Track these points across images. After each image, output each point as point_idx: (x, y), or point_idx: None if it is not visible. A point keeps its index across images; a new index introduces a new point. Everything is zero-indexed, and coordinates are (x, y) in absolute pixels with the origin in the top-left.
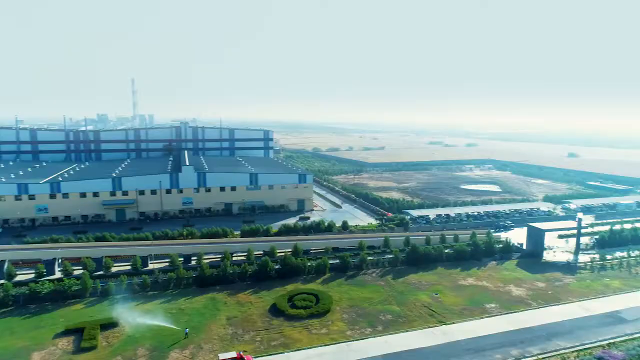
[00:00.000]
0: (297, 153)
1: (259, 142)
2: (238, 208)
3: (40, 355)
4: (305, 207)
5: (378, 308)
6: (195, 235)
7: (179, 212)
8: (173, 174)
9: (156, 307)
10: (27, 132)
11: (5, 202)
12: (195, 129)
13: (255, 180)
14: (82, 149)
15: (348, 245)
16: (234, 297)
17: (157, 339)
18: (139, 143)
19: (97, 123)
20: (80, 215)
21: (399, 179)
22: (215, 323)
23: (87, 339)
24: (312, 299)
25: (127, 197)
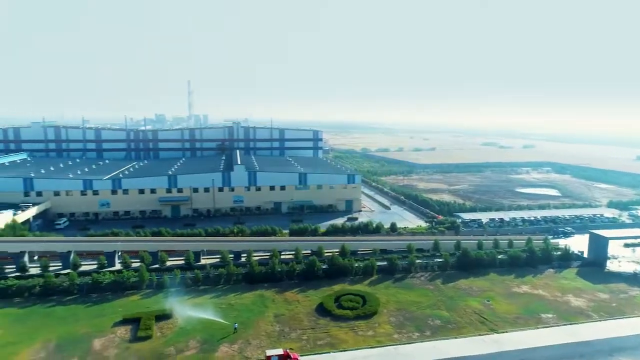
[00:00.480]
0: (346, 153)
1: (309, 142)
2: (287, 207)
3: (101, 342)
4: (354, 207)
5: (426, 312)
6: (245, 233)
7: (230, 210)
8: (225, 172)
9: (207, 302)
10: (93, 132)
11: (72, 196)
12: (247, 128)
13: (304, 180)
14: (141, 147)
15: (396, 247)
16: (282, 295)
17: (208, 332)
18: (194, 142)
19: (155, 123)
20: (138, 210)
21: (450, 181)
22: (263, 320)
23: (143, 329)
24: (359, 300)
25: (182, 194)
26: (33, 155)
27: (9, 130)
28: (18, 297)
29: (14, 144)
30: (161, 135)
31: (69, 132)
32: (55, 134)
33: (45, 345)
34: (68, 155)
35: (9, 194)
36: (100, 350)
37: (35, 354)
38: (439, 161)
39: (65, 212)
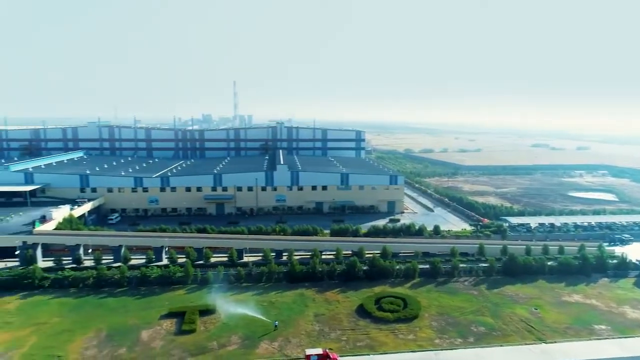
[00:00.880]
0: (388, 154)
1: (351, 142)
2: (328, 207)
3: (148, 333)
4: (396, 209)
5: (470, 318)
6: (287, 232)
7: (273, 209)
8: (268, 172)
9: (249, 298)
10: (143, 131)
11: (124, 193)
12: (290, 129)
13: (346, 181)
14: (189, 147)
15: (439, 250)
16: (322, 295)
17: (249, 328)
18: (238, 142)
19: (202, 123)
20: (185, 207)
21: (497, 184)
22: (303, 318)
23: (187, 323)
24: (399, 303)
25: (226, 192)
26: (89, 153)
27: (67, 130)
28: (73, 287)
29: (72, 143)
30: (207, 135)
31: (121, 131)
32: (109, 133)
33: (98, 334)
34: (121, 153)
35: (67, 190)
36: (147, 341)
37: (89, 342)
38: (485, 163)
39: (117, 207)
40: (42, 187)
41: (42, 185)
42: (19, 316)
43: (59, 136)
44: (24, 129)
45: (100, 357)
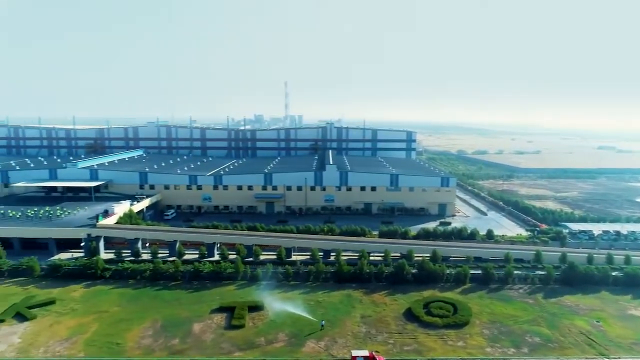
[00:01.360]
0: (440, 155)
1: (401, 143)
2: (377, 208)
3: (199, 326)
4: (447, 211)
5: (524, 328)
6: (335, 232)
7: (321, 209)
8: (317, 172)
9: (296, 297)
10: (198, 131)
11: (179, 190)
12: (340, 129)
13: (396, 182)
14: (241, 146)
15: (492, 256)
16: (369, 297)
17: (296, 326)
18: (289, 142)
19: (254, 123)
20: (236, 205)
21: (556, 188)
22: (349, 319)
23: (237, 318)
24: (449, 308)
25: (276, 191)
26: (148, 152)
27: (129, 129)
28: (132, 279)
29: (132, 142)
30: (259, 135)
31: (178, 131)
32: (166, 132)
33: (153, 324)
34: (177, 152)
35: (128, 186)
36: (198, 334)
37: (145, 331)
38: (544, 165)
39: (173, 204)
40: (105, 183)
41: (105, 182)
42: (83, 304)
43: (121, 135)
44: (90, 129)
45: (155, 346)
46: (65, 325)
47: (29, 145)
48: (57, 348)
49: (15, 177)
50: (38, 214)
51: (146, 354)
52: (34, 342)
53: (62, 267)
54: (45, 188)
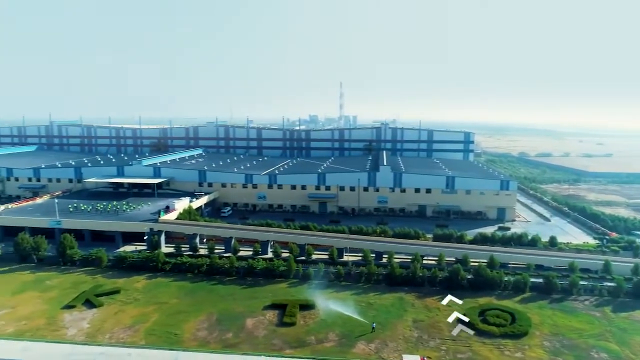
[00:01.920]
0: (500, 157)
1: (458, 144)
2: (432, 211)
3: (252, 321)
4: (506, 216)
5: (590, 342)
6: (388, 234)
7: (374, 210)
8: (371, 172)
9: (347, 297)
10: (255, 131)
11: (235, 189)
12: (395, 129)
13: (452, 184)
14: (295, 146)
15: (555, 264)
16: (422, 301)
17: (346, 327)
18: (343, 142)
19: (308, 123)
20: (290, 204)
21: (629, 194)
22: (401, 323)
23: (288, 315)
24: (507, 317)
25: (329, 191)
26: (207, 151)
27: (190, 129)
28: (190, 272)
29: (193, 141)
30: (313, 135)
31: (235, 131)
32: (225, 132)
33: (208, 318)
34: (234, 151)
35: (187, 184)
36: (251, 329)
37: (200, 324)
38: (615, 169)
39: (229, 201)
40: (167, 180)
41: (167, 179)
42: (145, 294)
43: (182, 135)
44: (154, 128)
45: (210, 339)
46: (128, 314)
47: (100, 143)
48: (121, 335)
49: (87, 173)
50: (106, 208)
51: (201, 346)
52: (101, 328)
53: (127, 259)
54: (113, 184)
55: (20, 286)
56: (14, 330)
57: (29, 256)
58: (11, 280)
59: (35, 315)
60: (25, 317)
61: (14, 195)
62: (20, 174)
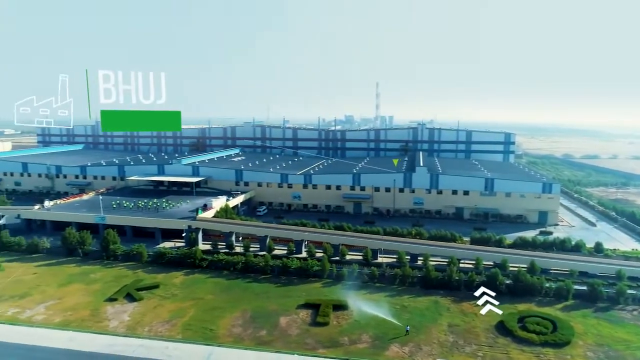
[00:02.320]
0: (542, 159)
1: (498, 145)
2: (469, 213)
3: (286, 320)
4: (548, 220)
5: (637, 355)
6: (423, 236)
7: (409, 211)
8: (407, 173)
9: (381, 299)
10: (290, 131)
11: (271, 188)
12: (432, 130)
13: (491, 186)
14: (331, 146)
15: (600, 271)
16: (458, 305)
17: (380, 329)
18: (378, 142)
19: (344, 123)
20: (324, 204)
21: None
22: (435, 327)
23: (321, 315)
24: (547, 325)
25: (364, 192)
26: (243, 150)
27: (227, 129)
28: (226, 270)
29: (230, 140)
30: (348, 135)
31: (272, 131)
32: (261, 132)
33: (243, 315)
34: (270, 151)
35: (224, 182)
36: (285, 327)
37: (235, 320)
38: None
39: (265, 201)
40: (205, 179)
41: (205, 178)
42: (182, 290)
43: (220, 134)
44: (193, 128)
45: (245, 335)
46: (166, 309)
47: (142, 142)
48: (160, 328)
49: (129, 171)
50: (147, 205)
51: (236, 342)
52: (141, 321)
53: (166, 254)
54: (154, 182)
55: (66, 278)
56: (60, 320)
57: (75, 250)
58: (58, 273)
59: (80, 306)
60: (71, 308)
61: (63, 192)
62: (68, 172)
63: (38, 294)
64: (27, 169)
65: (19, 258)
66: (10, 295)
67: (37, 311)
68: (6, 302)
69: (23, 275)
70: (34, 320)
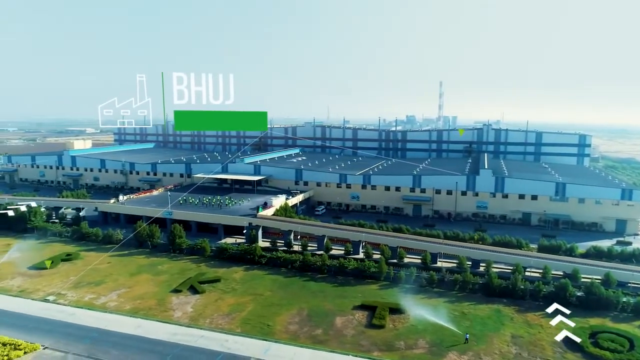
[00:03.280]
0: (622, 163)
1: (572, 147)
2: (538, 219)
3: (341, 320)
4: (627, 229)
5: None
6: (486, 242)
7: (472, 215)
8: (470, 176)
9: (440, 305)
10: (350, 131)
11: (330, 188)
12: (498, 131)
13: (562, 191)
14: (391, 147)
15: None
16: (522, 315)
17: (437, 335)
18: (440, 143)
19: (405, 124)
20: (383, 206)
21: None
22: (497, 337)
23: (377, 317)
24: (623, 342)
25: (424, 194)
26: (303, 150)
27: (288, 129)
28: (284, 267)
29: (290, 140)
30: (409, 136)
31: (332, 131)
32: (321, 132)
33: (299, 312)
34: (330, 151)
35: (284, 182)
36: (340, 328)
37: (292, 318)
38: None
39: (323, 200)
40: (265, 178)
41: (265, 177)
42: (242, 285)
43: (281, 134)
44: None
45: (300, 333)
46: (227, 302)
47: (207, 142)
48: (220, 321)
49: (195, 169)
50: (211, 202)
51: (292, 339)
52: (202, 313)
53: (227, 250)
54: (218, 179)
55: (136, 268)
56: (130, 307)
57: (145, 242)
58: (129, 263)
59: (147, 295)
60: (140, 297)
61: (135, 187)
62: (140, 168)
63: (111, 281)
64: (104, 166)
65: (96, 248)
66: (88, 282)
67: (110, 298)
68: (84, 288)
69: (99, 264)
70: (107, 306)
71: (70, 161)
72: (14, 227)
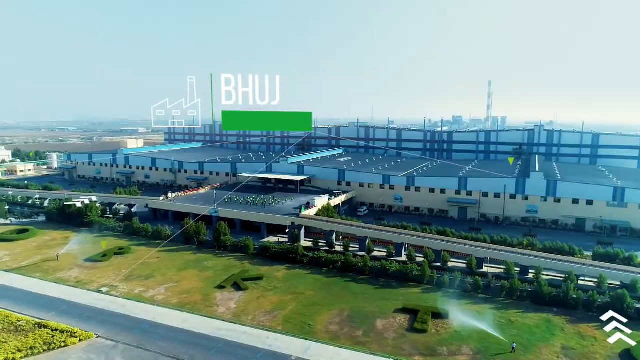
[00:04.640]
0: None
1: (632, 150)
2: (593, 226)
3: (382, 323)
4: None
5: None
6: (536, 247)
7: (521, 220)
8: (519, 179)
9: (485, 311)
10: (395, 132)
11: (372, 189)
12: (551, 132)
13: (621, 196)
14: (436, 148)
15: None
16: (574, 326)
17: (482, 343)
18: (488, 145)
19: (451, 124)
20: (427, 208)
21: None
22: (547, 347)
23: (419, 322)
24: None
25: (470, 197)
26: (347, 150)
27: (332, 129)
28: (325, 267)
29: (334, 140)
30: (455, 137)
31: (375, 131)
32: (365, 133)
33: (340, 313)
34: (373, 151)
35: (327, 182)
36: (381, 330)
37: (332, 318)
38: None
39: (366, 201)
40: (309, 177)
41: (309, 177)
42: (284, 283)
43: (325, 134)
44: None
45: (341, 334)
46: (269, 300)
47: (253, 142)
48: (262, 318)
49: (241, 168)
50: (255, 201)
51: (332, 339)
52: (245, 310)
53: (270, 248)
54: (262, 179)
55: (183, 264)
56: (177, 302)
57: (192, 239)
58: (177, 258)
59: (193, 290)
60: (186, 292)
61: (183, 185)
62: (188, 167)
63: (160, 276)
64: (155, 164)
65: (146, 243)
66: (138, 276)
67: (158, 292)
68: (134, 281)
69: (149, 258)
70: (155, 299)
71: (123, 159)
72: (72, 221)
